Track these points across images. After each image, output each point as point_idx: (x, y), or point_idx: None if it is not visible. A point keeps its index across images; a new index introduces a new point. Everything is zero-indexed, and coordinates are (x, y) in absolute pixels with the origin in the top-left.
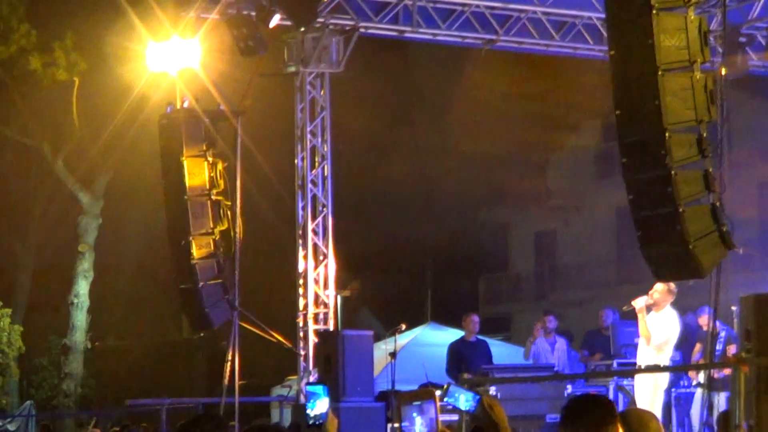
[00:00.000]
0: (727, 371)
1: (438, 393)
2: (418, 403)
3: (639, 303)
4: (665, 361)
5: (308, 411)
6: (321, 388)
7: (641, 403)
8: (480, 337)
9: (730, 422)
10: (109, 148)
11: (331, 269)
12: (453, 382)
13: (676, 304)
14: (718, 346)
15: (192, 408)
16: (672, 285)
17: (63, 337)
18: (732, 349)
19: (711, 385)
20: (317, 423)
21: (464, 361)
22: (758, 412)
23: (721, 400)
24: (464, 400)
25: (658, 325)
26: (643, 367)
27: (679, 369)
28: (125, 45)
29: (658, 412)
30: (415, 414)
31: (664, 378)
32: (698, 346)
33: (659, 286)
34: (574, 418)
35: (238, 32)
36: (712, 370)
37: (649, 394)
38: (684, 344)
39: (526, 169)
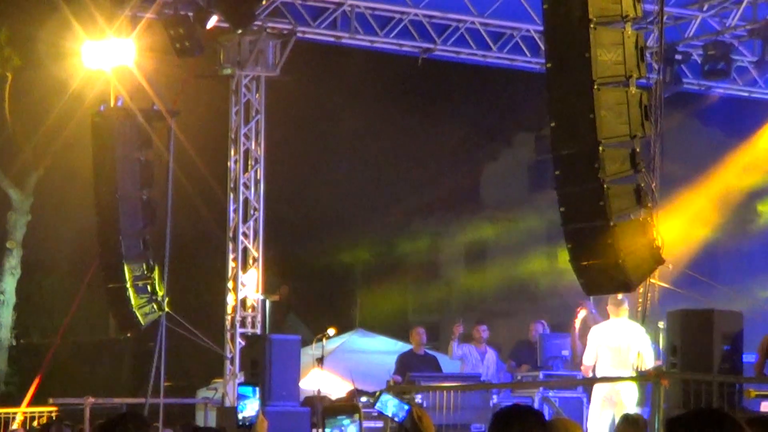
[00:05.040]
0: None
1: (366, 400)
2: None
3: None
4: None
5: (238, 412)
6: (251, 390)
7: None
8: (428, 351)
9: None
10: (41, 146)
11: (260, 273)
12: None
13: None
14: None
15: (117, 407)
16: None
17: None
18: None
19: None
20: (247, 424)
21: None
22: None
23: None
24: (393, 407)
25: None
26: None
27: (601, 381)
28: (60, 42)
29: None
30: (346, 422)
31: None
32: None
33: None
34: (502, 426)
35: (174, 32)
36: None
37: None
38: None
39: (458, 180)
